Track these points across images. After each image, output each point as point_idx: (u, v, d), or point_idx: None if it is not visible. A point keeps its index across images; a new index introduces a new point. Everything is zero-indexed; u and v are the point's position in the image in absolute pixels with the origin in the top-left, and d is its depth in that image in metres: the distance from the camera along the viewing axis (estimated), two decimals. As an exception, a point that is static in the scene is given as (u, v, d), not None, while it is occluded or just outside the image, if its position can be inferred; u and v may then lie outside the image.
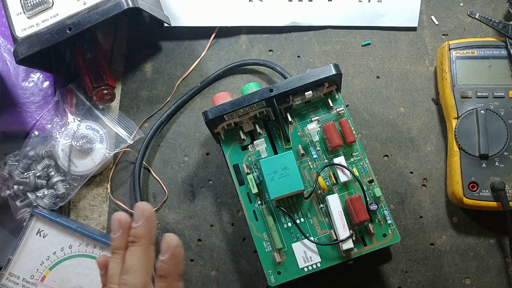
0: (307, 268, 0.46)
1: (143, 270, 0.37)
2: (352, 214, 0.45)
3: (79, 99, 0.56)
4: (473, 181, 0.49)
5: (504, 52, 0.52)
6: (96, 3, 0.49)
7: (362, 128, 0.55)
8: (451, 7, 0.58)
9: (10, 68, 0.57)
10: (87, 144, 0.54)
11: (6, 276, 0.49)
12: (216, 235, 0.54)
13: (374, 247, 0.46)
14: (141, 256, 0.37)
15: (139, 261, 0.37)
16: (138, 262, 0.37)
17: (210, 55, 0.59)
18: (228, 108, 0.46)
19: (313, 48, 0.58)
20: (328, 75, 0.47)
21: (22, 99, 0.56)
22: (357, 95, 0.56)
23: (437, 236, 0.52)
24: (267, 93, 0.46)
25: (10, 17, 0.51)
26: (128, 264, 0.37)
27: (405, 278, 0.51)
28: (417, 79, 0.56)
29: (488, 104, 0.51)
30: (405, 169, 0.54)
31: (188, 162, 0.56)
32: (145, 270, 0.37)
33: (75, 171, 0.54)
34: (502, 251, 0.51)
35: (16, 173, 0.53)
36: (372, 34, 0.58)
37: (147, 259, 0.37)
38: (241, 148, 0.49)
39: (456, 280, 0.51)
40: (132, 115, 0.57)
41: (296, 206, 0.47)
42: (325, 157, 0.48)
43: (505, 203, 0.48)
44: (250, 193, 0.48)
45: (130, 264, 0.37)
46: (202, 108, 0.57)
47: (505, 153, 0.50)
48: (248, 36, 0.59)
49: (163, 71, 0.59)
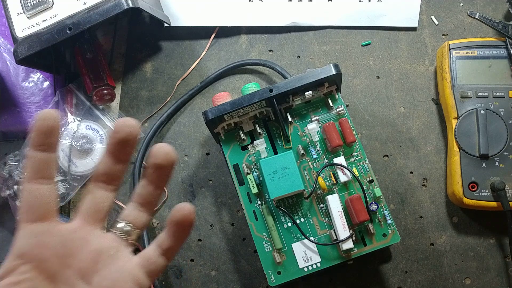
0: (307, 268, 0.46)
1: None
2: (352, 214, 0.45)
3: (79, 99, 0.56)
4: (473, 181, 0.49)
5: (504, 52, 0.52)
6: (96, 3, 0.49)
7: (362, 128, 0.55)
8: (451, 7, 0.58)
9: (10, 68, 0.57)
10: (87, 144, 0.54)
11: (6, 276, 0.49)
12: (216, 235, 0.54)
13: (374, 247, 0.46)
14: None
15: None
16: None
17: (210, 55, 0.59)
18: (228, 108, 0.46)
19: (313, 48, 0.58)
20: (328, 75, 0.47)
21: (22, 99, 0.56)
22: (357, 95, 0.56)
23: (437, 236, 0.52)
24: (267, 93, 0.46)
25: (10, 17, 0.51)
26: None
27: (405, 278, 0.51)
28: (417, 79, 0.56)
29: (488, 104, 0.51)
30: (405, 169, 0.54)
31: (188, 162, 0.56)
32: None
33: (75, 171, 0.54)
34: (502, 251, 0.51)
35: (16, 173, 0.53)
36: (372, 34, 0.58)
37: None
38: (241, 148, 0.49)
39: (456, 280, 0.51)
40: (132, 115, 0.57)
41: (296, 206, 0.47)
42: (325, 157, 0.48)
43: (505, 203, 0.48)
44: (250, 193, 0.48)
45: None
46: (202, 108, 0.57)
47: (505, 153, 0.50)
48: (248, 36, 0.59)
49: (163, 71, 0.59)
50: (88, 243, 0.32)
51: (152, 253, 0.33)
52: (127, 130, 0.31)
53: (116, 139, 0.32)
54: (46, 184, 0.32)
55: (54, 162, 0.32)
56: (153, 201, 0.33)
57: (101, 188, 0.33)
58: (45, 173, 0.32)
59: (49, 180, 0.32)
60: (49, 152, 0.32)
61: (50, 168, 0.32)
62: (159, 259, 0.33)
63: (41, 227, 0.31)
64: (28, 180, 0.31)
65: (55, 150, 0.32)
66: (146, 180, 0.33)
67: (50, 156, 0.32)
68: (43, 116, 0.31)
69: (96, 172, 0.33)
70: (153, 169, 0.32)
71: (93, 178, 0.33)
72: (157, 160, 0.32)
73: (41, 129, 0.31)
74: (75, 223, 0.32)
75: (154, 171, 0.32)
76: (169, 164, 0.32)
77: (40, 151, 0.31)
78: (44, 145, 0.31)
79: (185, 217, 0.32)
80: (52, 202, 0.32)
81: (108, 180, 0.33)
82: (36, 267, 0.30)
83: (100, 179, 0.33)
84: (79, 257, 0.31)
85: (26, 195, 0.31)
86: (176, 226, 0.32)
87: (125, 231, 0.33)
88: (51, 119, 0.31)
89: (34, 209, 0.31)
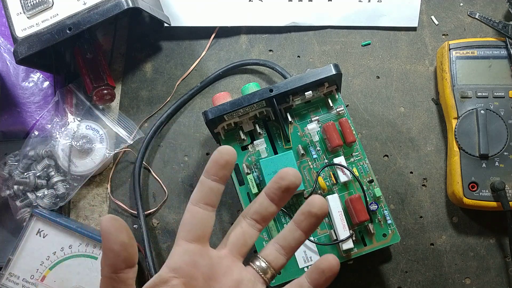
0: (307, 268, 0.46)
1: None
2: (352, 214, 0.45)
3: (79, 99, 0.56)
4: (473, 181, 0.49)
5: (504, 52, 0.52)
6: (96, 3, 0.49)
7: (362, 128, 0.55)
8: (451, 7, 0.58)
9: (10, 68, 0.57)
10: (87, 144, 0.54)
11: (6, 276, 0.49)
12: (216, 235, 0.54)
13: (374, 247, 0.46)
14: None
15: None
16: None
17: (210, 55, 0.59)
18: (228, 108, 0.46)
19: (313, 48, 0.58)
20: (328, 75, 0.47)
21: (22, 99, 0.56)
22: (357, 95, 0.56)
23: (437, 236, 0.52)
24: (267, 93, 0.46)
25: (10, 17, 0.51)
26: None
27: (405, 278, 0.51)
28: (417, 79, 0.56)
29: (488, 104, 0.51)
30: (405, 169, 0.54)
31: (188, 162, 0.56)
32: None
33: (75, 171, 0.54)
34: (502, 251, 0.51)
35: (16, 173, 0.53)
36: (372, 34, 0.58)
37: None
38: (241, 148, 0.49)
39: (456, 280, 0.51)
40: (132, 115, 0.57)
41: (296, 206, 0.47)
42: (325, 157, 0.48)
43: (505, 203, 0.48)
44: (250, 193, 0.48)
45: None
46: (202, 108, 0.57)
47: (505, 153, 0.50)
48: (248, 36, 0.59)
49: (163, 71, 0.59)
50: (231, 272, 0.34)
51: None
52: (292, 180, 0.34)
53: (280, 185, 0.34)
54: (209, 210, 0.35)
55: (220, 193, 0.35)
56: (294, 247, 0.35)
57: (251, 226, 0.35)
58: (211, 200, 0.35)
59: (212, 208, 0.35)
60: (219, 183, 0.34)
61: (216, 196, 0.35)
62: None
63: (195, 247, 0.34)
64: (194, 202, 0.34)
65: (224, 183, 0.35)
66: (295, 225, 0.35)
67: (219, 187, 0.35)
68: (223, 151, 0.35)
69: (251, 209, 0.35)
70: (306, 216, 0.34)
71: (246, 214, 0.36)
72: (313, 209, 0.34)
73: (218, 162, 0.34)
74: (224, 252, 0.35)
75: (308, 219, 0.34)
76: (322, 215, 0.34)
77: (212, 180, 0.35)
78: (217, 176, 0.35)
79: (331, 269, 0.34)
80: (209, 228, 0.35)
81: (259, 219, 0.35)
82: (185, 283, 0.33)
83: (253, 217, 0.35)
84: (222, 282, 0.34)
85: (189, 216, 0.34)
86: (321, 275, 0.34)
87: (263, 269, 0.35)
88: (229, 154, 0.35)
89: (194, 230, 0.34)
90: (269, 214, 0.35)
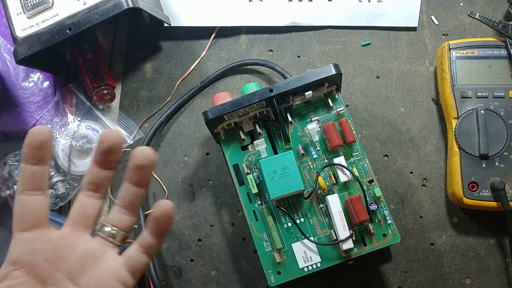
0: (307, 268, 0.46)
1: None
2: (352, 214, 0.45)
3: (79, 99, 0.56)
4: (473, 181, 0.49)
5: (504, 52, 0.52)
6: (96, 3, 0.49)
7: (362, 128, 0.55)
8: (451, 7, 0.58)
9: (10, 68, 0.57)
10: (87, 144, 0.54)
11: (6, 276, 0.49)
12: (216, 235, 0.54)
13: (374, 247, 0.46)
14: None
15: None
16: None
17: (210, 55, 0.59)
18: (228, 108, 0.46)
19: (313, 48, 0.58)
20: (328, 75, 0.47)
21: (22, 99, 0.56)
22: (357, 95, 0.56)
23: (437, 236, 0.52)
24: (267, 93, 0.46)
25: (10, 17, 0.51)
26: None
27: (405, 278, 0.51)
28: (417, 79, 0.56)
29: (488, 104, 0.51)
30: (405, 169, 0.54)
31: (188, 162, 0.56)
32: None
33: (75, 171, 0.54)
34: (502, 251, 0.51)
35: (16, 173, 0.53)
36: (372, 34, 0.58)
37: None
38: (241, 148, 0.49)
39: (456, 280, 0.51)
40: (132, 115, 0.57)
41: (296, 206, 0.47)
42: (325, 157, 0.48)
43: (505, 203, 0.48)
44: (250, 193, 0.48)
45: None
46: (202, 108, 0.57)
47: (505, 153, 0.50)
48: (248, 36, 0.59)
49: (163, 71, 0.59)
50: (76, 248, 0.34)
51: (134, 252, 0.35)
52: (111, 140, 0.34)
53: (101, 149, 0.34)
54: (38, 195, 0.34)
55: (46, 174, 0.34)
56: (135, 203, 0.35)
57: (89, 196, 0.35)
58: (37, 185, 0.34)
59: (41, 191, 0.34)
60: (40, 165, 0.34)
61: (41, 180, 0.34)
62: (140, 257, 0.35)
63: (32, 235, 0.33)
64: (20, 192, 0.34)
65: (47, 163, 0.34)
66: (128, 182, 0.35)
67: (42, 169, 0.34)
68: (34, 132, 0.33)
69: (84, 181, 0.35)
70: (134, 170, 0.34)
71: (82, 188, 0.35)
72: (138, 161, 0.34)
73: (32, 144, 0.33)
74: (64, 230, 0.35)
75: (136, 172, 0.34)
76: (150, 165, 0.34)
77: (32, 165, 0.33)
78: (35, 159, 0.33)
79: (164, 212, 0.34)
80: (43, 212, 0.34)
81: (95, 188, 0.35)
82: (28, 272, 0.33)
83: (88, 188, 0.35)
84: (68, 261, 0.33)
85: (18, 206, 0.34)
86: (156, 222, 0.34)
87: (110, 234, 0.35)
88: (42, 134, 0.33)
89: (26, 219, 0.34)
90: (103, 179, 0.35)
